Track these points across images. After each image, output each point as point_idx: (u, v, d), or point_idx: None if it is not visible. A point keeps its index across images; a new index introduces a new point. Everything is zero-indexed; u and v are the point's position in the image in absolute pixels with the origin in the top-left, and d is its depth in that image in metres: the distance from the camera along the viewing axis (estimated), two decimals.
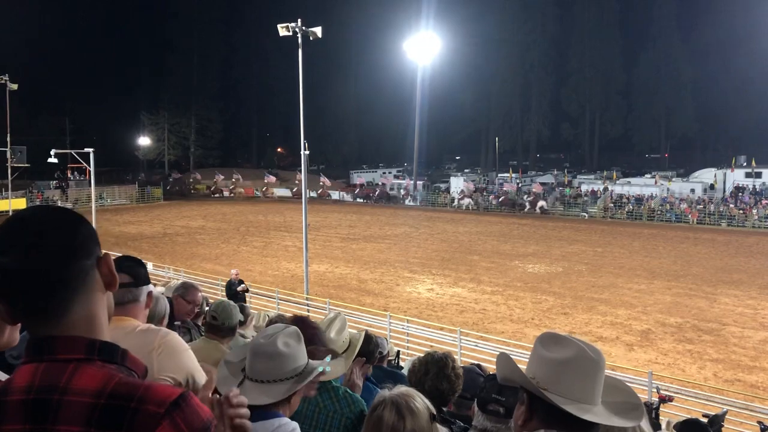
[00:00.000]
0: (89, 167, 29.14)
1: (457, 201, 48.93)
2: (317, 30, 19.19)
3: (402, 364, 6.09)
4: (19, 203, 36.23)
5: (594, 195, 46.28)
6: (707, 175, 47.36)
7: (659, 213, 41.77)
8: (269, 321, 5.98)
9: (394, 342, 12.00)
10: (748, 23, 57.89)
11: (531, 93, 71.66)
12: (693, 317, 17.88)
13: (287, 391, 2.06)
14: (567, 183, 51.32)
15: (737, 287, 21.64)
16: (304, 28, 18.93)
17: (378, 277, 23.41)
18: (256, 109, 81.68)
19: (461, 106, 70.76)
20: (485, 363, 6.04)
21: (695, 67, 66.27)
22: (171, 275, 20.38)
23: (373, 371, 3.93)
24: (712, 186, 45.41)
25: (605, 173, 54.06)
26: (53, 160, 28.40)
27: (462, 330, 14.22)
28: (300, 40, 19.05)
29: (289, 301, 18.55)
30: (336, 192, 56.45)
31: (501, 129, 71.47)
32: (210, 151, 76.60)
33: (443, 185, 55.35)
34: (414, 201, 52.17)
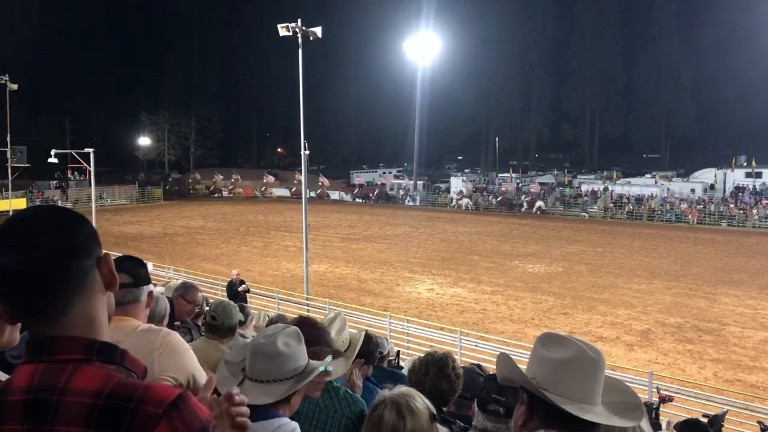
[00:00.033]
0: (89, 167, 29.16)
1: (456, 201, 48.93)
2: (317, 30, 19.22)
3: (402, 364, 6.09)
4: (19, 203, 36.19)
5: (594, 195, 46.27)
6: (707, 175, 47.34)
7: (659, 213, 41.77)
8: (269, 321, 5.99)
9: (394, 342, 11.99)
10: (748, 23, 57.87)
11: (531, 93, 71.64)
12: (693, 317, 17.89)
13: (287, 391, 2.06)
14: (567, 183, 51.29)
15: (737, 287, 21.64)
16: (304, 28, 18.95)
17: (378, 277, 23.41)
18: (256, 109, 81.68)
19: (461, 106, 70.75)
20: (485, 363, 6.04)
21: (695, 67, 66.24)
22: (171, 275, 20.38)
23: (373, 371, 3.93)
24: (712, 186, 45.39)
25: (605, 173, 54.03)
26: (53, 160, 28.44)
27: (462, 330, 14.23)
28: (300, 40, 19.08)
29: (289, 301, 18.55)
30: (336, 192, 56.48)
31: (501, 129, 71.50)
32: (210, 151, 76.59)
33: (443, 185, 55.33)
34: (413, 201, 52.15)
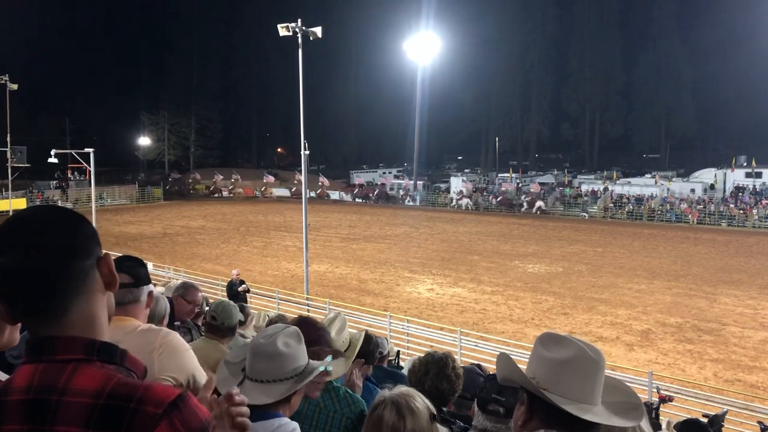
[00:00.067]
0: (89, 167, 29.15)
1: (456, 201, 48.92)
2: (317, 30, 19.22)
3: (402, 364, 6.09)
4: (19, 203, 36.18)
5: (594, 195, 46.27)
6: (707, 175, 47.33)
7: (659, 213, 41.76)
8: (269, 321, 5.99)
9: (394, 342, 11.99)
10: (748, 23, 57.87)
11: (531, 93, 71.64)
12: (693, 317, 17.89)
13: (287, 391, 2.06)
14: (567, 183, 51.29)
15: (737, 287, 21.64)
16: (304, 28, 18.95)
17: (378, 277, 23.41)
18: (256, 109, 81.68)
19: (461, 106, 70.75)
20: (485, 363, 6.04)
21: (695, 67, 66.23)
22: (171, 275, 20.38)
23: (373, 371, 3.93)
24: (712, 186, 45.39)
25: (605, 173, 54.03)
26: (53, 160, 28.44)
27: (462, 330, 14.23)
28: (300, 40, 19.08)
29: (289, 301, 18.55)
30: (336, 192, 56.48)
31: (501, 129, 71.50)
32: (210, 151, 76.58)
33: (443, 185, 55.33)
34: (413, 201, 52.14)
